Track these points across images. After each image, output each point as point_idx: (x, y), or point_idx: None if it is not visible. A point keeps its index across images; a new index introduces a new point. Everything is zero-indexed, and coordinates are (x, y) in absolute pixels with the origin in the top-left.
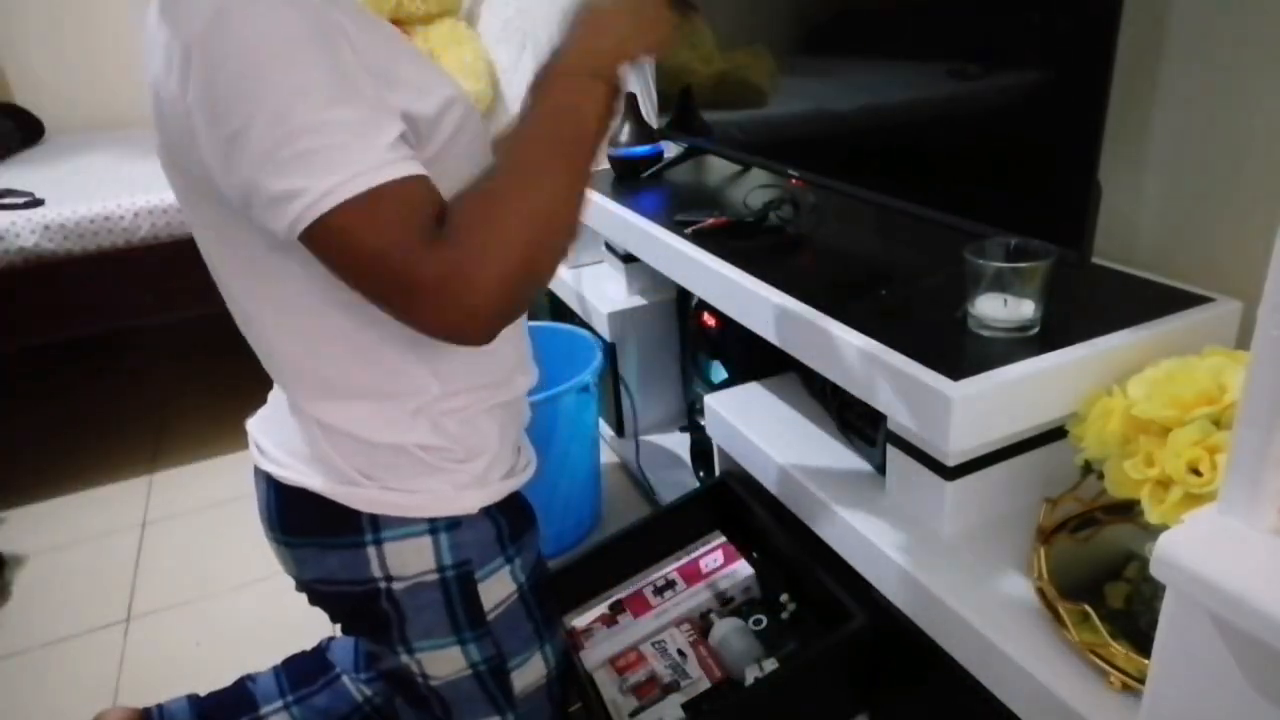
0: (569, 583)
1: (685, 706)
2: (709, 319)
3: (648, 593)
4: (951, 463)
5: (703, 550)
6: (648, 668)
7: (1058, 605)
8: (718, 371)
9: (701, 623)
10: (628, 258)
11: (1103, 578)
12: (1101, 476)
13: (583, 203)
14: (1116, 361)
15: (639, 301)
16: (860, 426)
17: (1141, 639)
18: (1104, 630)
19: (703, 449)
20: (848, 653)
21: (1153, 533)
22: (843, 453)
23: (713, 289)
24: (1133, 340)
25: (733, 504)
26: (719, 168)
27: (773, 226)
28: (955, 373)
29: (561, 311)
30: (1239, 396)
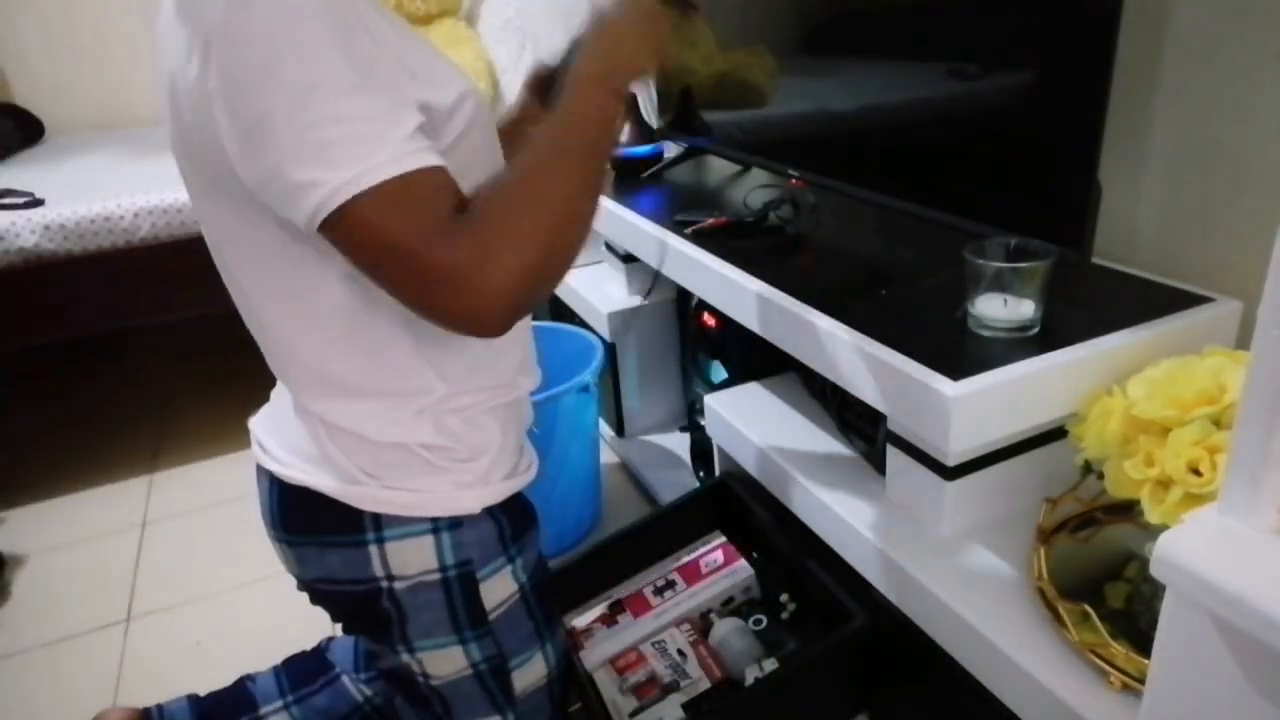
0: (569, 583)
1: (685, 706)
2: (709, 319)
3: (648, 593)
4: (951, 463)
5: (703, 550)
6: (648, 668)
7: (1058, 605)
8: (718, 371)
9: (701, 623)
10: (628, 258)
11: (1103, 578)
12: (1101, 476)
13: (597, 203)
14: (1116, 361)
15: (639, 301)
16: (860, 426)
17: (1141, 639)
18: (1104, 630)
19: (703, 449)
20: (848, 653)
21: (1153, 533)
22: (843, 453)
23: (713, 289)
24: (1133, 340)
25: (733, 504)
26: (719, 168)
27: (773, 226)
28: (955, 373)
29: (561, 311)
30: (1239, 396)
